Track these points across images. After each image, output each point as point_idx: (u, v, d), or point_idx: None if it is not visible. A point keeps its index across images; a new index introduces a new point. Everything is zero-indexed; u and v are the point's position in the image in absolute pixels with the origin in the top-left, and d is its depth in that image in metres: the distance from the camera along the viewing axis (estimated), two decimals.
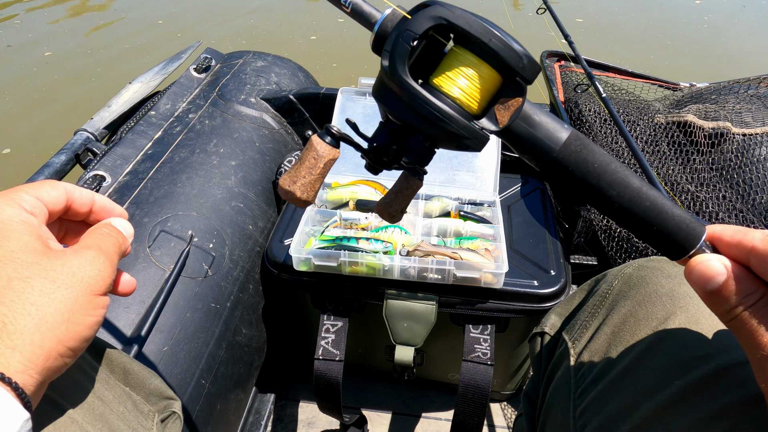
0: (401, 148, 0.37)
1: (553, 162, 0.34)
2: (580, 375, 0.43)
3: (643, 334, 0.41)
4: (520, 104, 0.34)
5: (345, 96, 1.04)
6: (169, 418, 0.51)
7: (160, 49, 2.86)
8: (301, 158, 0.38)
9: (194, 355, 0.75)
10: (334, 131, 0.38)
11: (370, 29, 0.36)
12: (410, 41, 0.32)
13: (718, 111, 1.05)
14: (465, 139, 0.34)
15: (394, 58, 0.33)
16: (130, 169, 0.91)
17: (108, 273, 0.32)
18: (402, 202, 0.40)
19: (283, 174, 0.39)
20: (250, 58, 1.28)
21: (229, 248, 0.88)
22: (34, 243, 0.30)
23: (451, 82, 0.34)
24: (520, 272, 0.84)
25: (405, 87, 0.33)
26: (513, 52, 0.32)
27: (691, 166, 0.98)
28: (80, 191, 0.35)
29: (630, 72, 1.40)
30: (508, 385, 1.02)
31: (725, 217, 0.88)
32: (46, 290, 0.29)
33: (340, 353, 0.83)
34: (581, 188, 0.34)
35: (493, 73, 0.34)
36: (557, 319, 0.52)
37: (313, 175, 0.38)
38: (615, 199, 0.33)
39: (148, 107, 1.10)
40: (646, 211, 0.33)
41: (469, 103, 0.34)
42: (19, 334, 0.27)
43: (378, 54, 0.36)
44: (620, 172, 0.34)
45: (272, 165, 1.08)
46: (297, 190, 0.37)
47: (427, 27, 0.32)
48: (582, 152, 0.34)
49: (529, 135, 0.35)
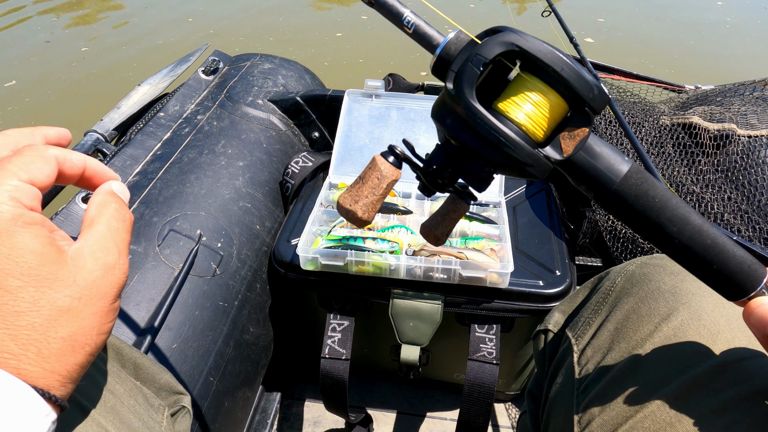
0: (459, 171, 0.36)
1: (613, 195, 0.34)
2: (583, 371, 0.44)
3: (646, 331, 0.41)
4: (586, 134, 0.34)
5: (351, 98, 1.05)
6: (179, 413, 0.52)
7: (170, 51, 2.89)
8: (364, 177, 0.37)
9: (202, 352, 0.75)
10: (397, 152, 0.38)
11: (431, 51, 0.36)
12: (480, 66, 0.32)
13: (724, 113, 1.05)
14: (528, 167, 0.33)
15: (462, 81, 0.32)
16: (140, 170, 0.92)
17: (123, 273, 0.31)
18: (448, 225, 0.40)
19: (342, 193, 0.39)
20: (258, 60, 1.29)
21: (236, 248, 0.89)
22: (46, 251, 0.27)
23: (517, 108, 0.34)
24: (525, 272, 0.84)
25: (471, 111, 0.32)
26: (585, 82, 0.32)
27: (696, 167, 0.98)
28: (71, 159, 0.32)
29: (635, 74, 1.40)
30: (513, 385, 1.02)
31: (731, 219, 0.88)
32: (73, 311, 0.28)
33: (346, 352, 0.84)
34: (640, 223, 0.34)
35: (561, 101, 0.33)
36: (560, 317, 0.53)
37: (375, 195, 0.37)
38: (675, 235, 0.33)
39: (157, 109, 1.11)
40: (707, 249, 0.32)
41: (535, 131, 0.34)
42: (56, 357, 0.27)
43: (437, 76, 0.36)
44: (681, 207, 0.33)
45: (279, 166, 1.09)
46: (359, 210, 0.37)
47: (498, 53, 0.32)
48: (643, 186, 0.33)
49: (589, 166, 0.34)
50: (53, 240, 0.28)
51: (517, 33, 0.32)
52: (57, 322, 0.27)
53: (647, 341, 0.40)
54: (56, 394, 0.27)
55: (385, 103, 1.05)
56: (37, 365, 0.26)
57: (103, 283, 0.29)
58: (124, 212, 0.33)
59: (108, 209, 0.32)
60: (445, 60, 0.35)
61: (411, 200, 0.95)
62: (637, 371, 0.39)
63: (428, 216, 0.93)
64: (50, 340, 0.26)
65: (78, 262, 0.28)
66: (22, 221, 0.27)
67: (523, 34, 0.32)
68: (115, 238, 0.31)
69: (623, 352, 0.41)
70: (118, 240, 0.31)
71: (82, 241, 0.30)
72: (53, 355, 0.26)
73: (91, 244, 0.30)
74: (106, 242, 0.30)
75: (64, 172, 0.31)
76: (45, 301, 0.26)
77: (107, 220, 0.31)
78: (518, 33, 0.32)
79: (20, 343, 0.26)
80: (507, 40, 0.32)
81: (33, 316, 0.26)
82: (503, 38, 0.32)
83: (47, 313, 0.26)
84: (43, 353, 0.26)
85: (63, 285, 0.27)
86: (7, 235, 0.26)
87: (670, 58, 2.90)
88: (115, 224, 0.32)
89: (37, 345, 0.26)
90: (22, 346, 0.26)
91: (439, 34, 0.36)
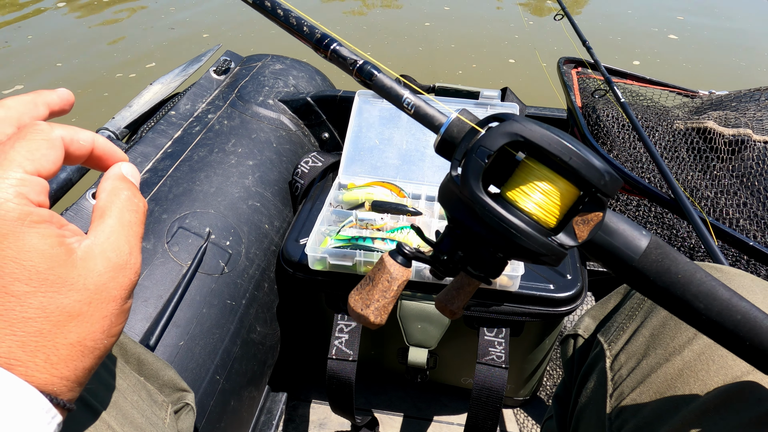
0: (470, 257, 0.36)
1: (633, 272, 0.33)
2: (616, 377, 0.43)
3: (685, 338, 0.40)
4: (600, 219, 0.32)
5: (362, 99, 1.05)
6: (183, 410, 0.51)
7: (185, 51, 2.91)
8: (373, 280, 0.37)
9: (209, 350, 0.75)
10: (406, 251, 0.37)
11: (434, 131, 0.36)
12: (484, 158, 0.31)
13: (739, 118, 1.04)
14: (542, 256, 0.32)
15: (468, 174, 0.31)
16: (150, 167, 0.92)
17: (135, 272, 0.29)
18: (464, 298, 0.39)
19: (352, 294, 0.38)
20: (269, 60, 1.30)
21: (245, 246, 0.89)
22: (55, 252, 0.26)
23: (526, 197, 0.33)
24: (535, 276, 0.83)
25: (479, 203, 0.31)
26: (594, 170, 0.31)
27: (711, 172, 0.96)
28: (78, 138, 0.29)
29: (648, 79, 1.39)
30: (522, 390, 1.01)
31: (746, 225, 0.87)
32: (83, 316, 0.26)
33: (354, 353, 0.83)
34: (664, 299, 0.32)
35: (571, 187, 0.32)
36: (591, 322, 0.52)
37: (387, 298, 0.36)
38: (702, 311, 0.31)
39: (169, 107, 1.11)
40: (738, 325, 0.31)
41: (546, 219, 0.33)
42: (64, 363, 0.26)
43: (442, 155, 0.35)
44: (707, 282, 0.31)
45: (289, 165, 1.09)
46: (371, 315, 0.36)
47: (502, 144, 0.31)
48: (664, 261, 0.32)
49: (606, 244, 0.33)
50: (62, 239, 0.26)
51: (520, 122, 0.31)
52: (66, 327, 0.26)
53: (686, 348, 0.39)
54: (64, 399, 0.26)
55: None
56: (45, 371, 0.25)
57: (114, 285, 0.28)
58: (136, 200, 0.31)
59: (119, 198, 0.30)
60: (449, 141, 0.34)
61: (420, 201, 0.95)
62: (674, 378, 0.38)
63: (437, 217, 0.93)
64: (58, 346, 0.25)
65: (88, 263, 0.27)
66: (30, 220, 0.25)
67: (526, 122, 0.31)
68: (126, 233, 0.29)
69: (660, 358, 0.40)
70: (130, 235, 0.29)
71: (92, 237, 0.28)
72: (61, 361, 0.26)
73: (101, 242, 0.28)
74: (117, 239, 0.28)
75: (71, 153, 0.29)
76: (53, 307, 0.25)
77: (119, 212, 0.29)
78: (522, 122, 0.31)
79: (28, 351, 0.25)
80: (510, 130, 0.31)
81: (41, 322, 0.25)
82: (506, 129, 0.31)
83: (55, 319, 0.25)
84: (52, 359, 0.25)
85: (72, 289, 0.26)
86: (13, 237, 0.25)
87: (684, 65, 2.88)
88: (127, 216, 0.30)
89: (45, 351, 0.25)
90: (30, 353, 0.25)
91: (441, 114, 0.36)
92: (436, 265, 0.37)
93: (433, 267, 0.37)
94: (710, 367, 0.37)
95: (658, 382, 0.39)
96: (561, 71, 1.34)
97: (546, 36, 3.15)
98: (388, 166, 1.00)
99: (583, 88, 1.29)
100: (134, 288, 0.29)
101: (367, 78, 0.39)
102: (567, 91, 1.26)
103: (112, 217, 0.29)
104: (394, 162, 1.01)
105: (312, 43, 0.40)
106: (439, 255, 0.36)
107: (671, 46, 3.09)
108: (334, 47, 0.39)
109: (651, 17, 3.50)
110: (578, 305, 0.83)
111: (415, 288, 0.83)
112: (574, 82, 1.31)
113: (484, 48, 3.04)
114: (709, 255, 0.74)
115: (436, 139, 0.35)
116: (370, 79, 0.38)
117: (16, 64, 2.87)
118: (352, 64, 0.39)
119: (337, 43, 0.40)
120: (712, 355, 0.38)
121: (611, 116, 1.10)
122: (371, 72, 0.39)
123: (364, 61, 0.39)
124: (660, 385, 0.39)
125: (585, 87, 1.29)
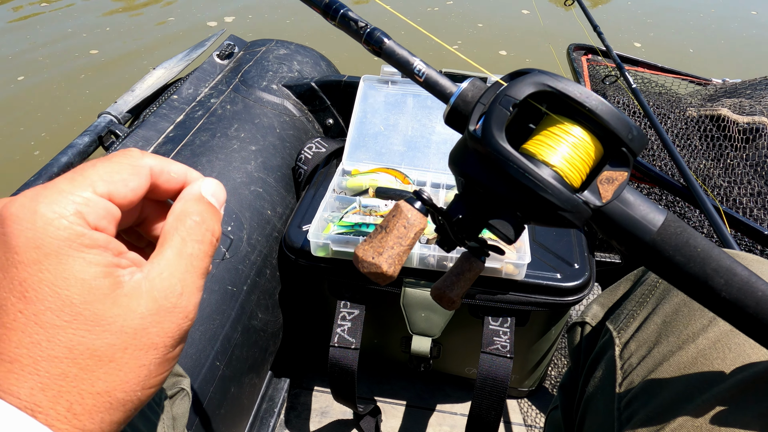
0: (485, 222, 0.33)
1: (650, 246, 0.31)
2: (626, 365, 0.42)
3: (699, 325, 0.38)
4: (625, 178, 0.31)
5: (367, 84, 1.03)
6: (178, 395, 0.50)
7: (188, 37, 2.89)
8: (387, 227, 0.34)
9: (209, 336, 0.74)
10: (425, 197, 0.34)
11: (444, 101, 0.34)
12: (509, 107, 0.30)
13: (754, 105, 1.01)
14: (566, 213, 0.31)
15: (491, 123, 0.30)
16: (151, 151, 0.91)
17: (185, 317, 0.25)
18: (464, 286, 0.37)
19: (361, 245, 0.35)
20: (273, 46, 1.28)
21: (247, 232, 0.87)
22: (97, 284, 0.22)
23: (551, 151, 0.31)
24: (542, 264, 0.82)
25: (503, 154, 0.30)
26: (623, 122, 0.30)
27: (724, 161, 0.94)
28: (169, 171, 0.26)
29: (659, 66, 1.36)
30: (527, 381, 1.00)
31: (760, 215, 0.84)
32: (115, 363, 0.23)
33: (356, 341, 0.82)
34: (681, 276, 0.31)
35: (596, 143, 0.31)
36: (599, 309, 0.50)
37: (402, 246, 0.34)
38: (722, 287, 0.30)
39: (171, 92, 1.10)
40: (759, 302, 0.29)
41: (571, 175, 0.31)
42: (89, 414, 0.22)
43: (450, 126, 0.34)
44: (725, 258, 0.30)
45: (292, 151, 1.07)
46: (383, 263, 0.33)
47: (529, 93, 0.30)
48: (683, 235, 0.31)
49: (624, 215, 0.31)
50: (112, 270, 0.23)
51: (547, 74, 0.30)
52: (94, 373, 0.22)
53: (701, 335, 0.38)
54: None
55: (402, 89, 1.03)
56: (66, 422, 0.22)
57: (156, 331, 0.23)
58: (204, 228, 0.26)
59: (184, 225, 0.26)
60: (460, 109, 0.33)
61: (426, 188, 0.93)
62: (688, 367, 0.37)
63: (443, 204, 0.91)
64: (84, 395, 0.22)
65: (132, 302, 0.23)
66: (79, 242, 0.22)
67: (554, 75, 0.30)
68: (184, 269, 0.25)
69: (672, 346, 0.39)
70: (187, 272, 0.25)
71: (146, 270, 0.24)
72: (85, 412, 0.22)
73: (152, 278, 0.24)
74: (170, 276, 0.24)
75: (159, 185, 0.26)
76: (83, 348, 0.22)
77: (180, 242, 0.25)
78: (548, 74, 0.30)
79: (50, 396, 0.21)
80: (538, 80, 0.30)
81: (67, 363, 0.22)
82: (533, 79, 0.30)
83: (83, 362, 0.22)
84: (75, 409, 0.22)
85: (106, 330, 0.22)
86: (56, 259, 0.21)
87: (701, 56, 2.83)
88: (188, 249, 0.25)
89: (69, 399, 0.22)
90: (52, 399, 0.21)
91: (452, 84, 0.35)
92: (453, 229, 0.34)
93: (446, 232, 0.35)
94: (726, 356, 0.36)
95: (670, 371, 0.37)
96: (571, 58, 1.32)
97: (556, 23, 3.10)
98: (393, 153, 0.98)
99: (593, 75, 1.26)
100: (185, 335, 0.25)
101: (377, 45, 0.37)
102: (577, 77, 1.24)
103: (172, 248, 0.25)
104: (399, 148, 0.99)
105: (320, 8, 0.39)
106: (454, 219, 0.34)
107: (685, 34, 3.04)
108: (344, 12, 0.38)
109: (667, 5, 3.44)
110: (585, 295, 0.81)
111: (419, 276, 0.81)
112: (585, 69, 1.29)
113: (492, 34, 3.01)
114: (723, 244, 0.72)
115: (446, 108, 0.34)
116: (380, 46, 0.37)
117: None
118: (362, 29, 0.37)
119: (346, 8, 0.38)
120: (728, 343, 0.36)
121: (622, 103, 1.08)
122: (381, 38, 0.37)
123: (374, 27, 0.37)
124: (673, 374, 0.37)
125: (595, 74, 1.26)
